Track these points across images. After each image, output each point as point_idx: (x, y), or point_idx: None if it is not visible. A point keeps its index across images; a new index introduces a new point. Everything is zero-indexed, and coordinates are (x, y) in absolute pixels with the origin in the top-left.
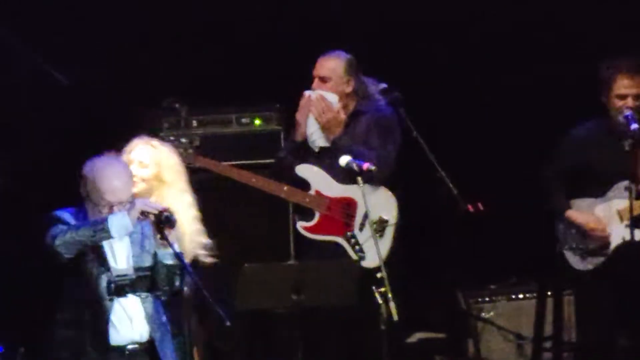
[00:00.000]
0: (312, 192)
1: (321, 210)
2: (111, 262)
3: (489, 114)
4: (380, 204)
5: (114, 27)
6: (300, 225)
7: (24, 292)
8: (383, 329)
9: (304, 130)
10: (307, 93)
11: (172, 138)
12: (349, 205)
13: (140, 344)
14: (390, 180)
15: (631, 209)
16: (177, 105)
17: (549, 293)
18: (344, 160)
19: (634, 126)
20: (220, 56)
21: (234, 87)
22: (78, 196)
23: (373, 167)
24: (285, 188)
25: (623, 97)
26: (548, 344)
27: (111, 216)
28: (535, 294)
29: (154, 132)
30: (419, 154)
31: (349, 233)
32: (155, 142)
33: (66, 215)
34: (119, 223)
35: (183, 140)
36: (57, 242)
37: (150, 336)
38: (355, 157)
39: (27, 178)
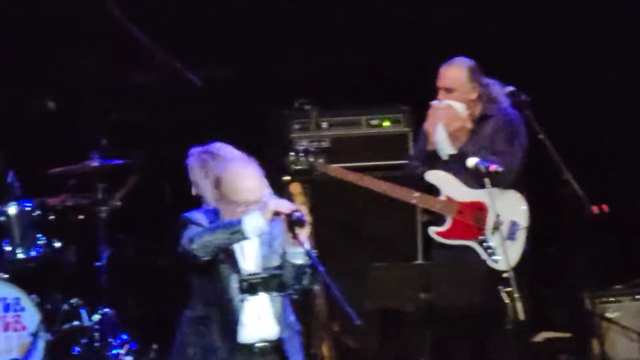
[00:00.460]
0: (442, 197)
1: (452, 216)
2: (241, 262)
3: (614, 116)
4: (510, 206)
5: (246, 29)
6: (433, 230)
7: (156, 290)
8: (509, 328)
9: (433, 139)
10: (434, 103)
11: (302, 146)
12: (479, 210)
13: (268, 342)
14: (517, 183)
15: None
16: (307, 107)
17: None
18: (472, 161)
19: None
20: (351, 58)
21: (364, 89)
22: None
23: (500, 169)
24: (415, 195)
25: None
26: None
27: (246, 217)
28: None
29: (284, 133)
30: (545, 156)
31: (481, 237)
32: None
33: (198, 216)
34: (254, 223)
35: (313, 148)
36: (195, 245)
37: (279, 335)
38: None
39: (161, 176)
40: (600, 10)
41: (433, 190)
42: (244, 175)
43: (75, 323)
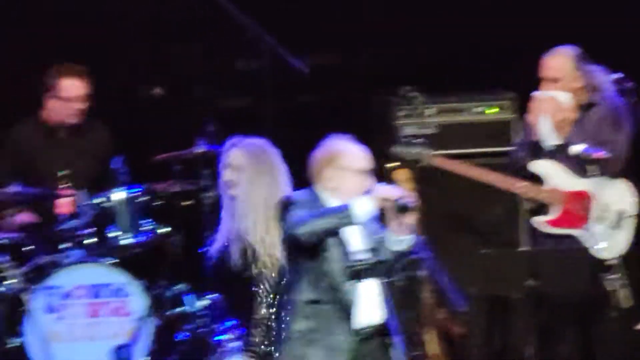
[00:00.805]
0: (547, 187)
1: (558, 205)
2: (347, 247)
3: None
4: (617, 195)
5: (351, 15)
6: (539, 219)
7: None
8: (614, 315)
9: (537, 130)
10: (537, 94)
11: (409, 134)
12: (584, 199)
13: (374, 326)
14: (625, 171)
15: None
16: (413, 94)
17: None
18: (577, 148)
19: None
20: (456, 45)
21: (469, 76)
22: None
23: (605, 155)
24: (520, 184)
25: None
26: None
27: (354, 202)
28: None
29: (389, 120)
30: None
31: (586, 226)
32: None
33: (301, 198)
34: (363, 208)
35: (420, 137)
36: (301, 230)
37: (384, 319)
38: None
39: None
40: None
41: (537, 180)
42: (356, 160)
43: (181, 309)
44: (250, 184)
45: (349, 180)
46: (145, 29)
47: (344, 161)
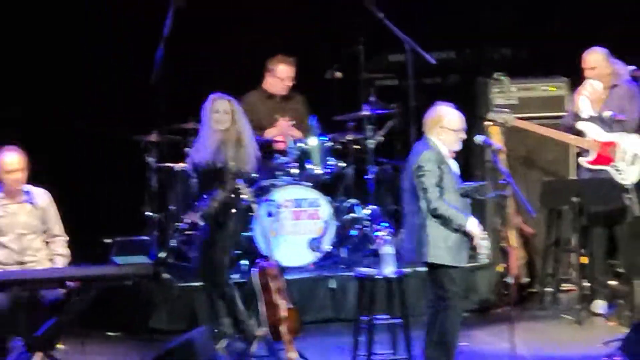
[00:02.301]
0: (588, 139)
1: (596, 150)
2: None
3: None
4: (632, 144)
5: (458, 27)
6: (582, 159)
7: (398, 194)
8: (630, 220)
9: (579, 106)
10: (586, 82)
11: (499, 105)
12: (612, 146)
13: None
14: (638, 130)
15: None
16: (502, 77)
17: None
18: (607, 114)
19: None
20: (531, 43)
21: (539, 64)
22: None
23: (624, 118)
24: (572, 137)
25: None
26: None
27: (470, 220)
28: None
29: (487, 95)
30: None
31: (613, 163)
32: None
33: (431, 156)
34: (472, 226)
35: (506, 107)
36: (437, 213)
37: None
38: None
39: (407, 122)
40: None
41: (581, 134)
42: (455, 113)
43: (353, 215)
44: None
45: (449, 136)
46: (325, 25)
47: (446, 122)
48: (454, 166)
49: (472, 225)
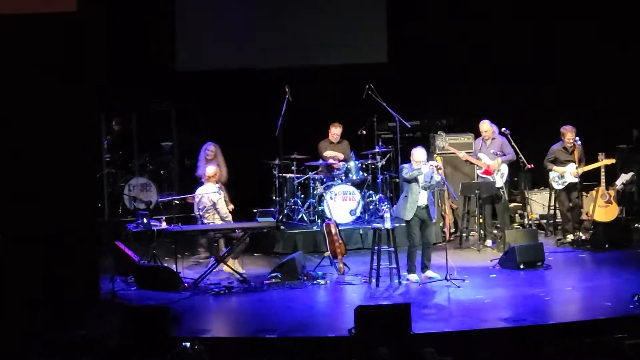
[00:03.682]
0: (483, 162)
1: (485, 168)
2: (420, 182)
3: None
4: (502, 167)
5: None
6: (479, 172)
7: None
8: (501, 201)
9: (478, 146)
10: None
11: (439, 146)
12: (492, 167)
13: (424, 204)
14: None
15: None
16: (442, 133)
17: None
18: (491, 151)
19: None
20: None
21: (460, 126)
22: None
23: (499, 153)
24: (475, 160)
25: None
26: None
27: (423, 168)
28: None
29: (434, 143)
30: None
31: (492, 175)
32: None
33: (407, 165)
34: (425, 170)
35: (442, 148)
36: (406, 176)
37: (426, 203)
38: None
39: None
40: None
41: (479, 160)
42: (419, 151)
43: (371, 199)
44: None
45: (416, 163)
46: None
47: (414, 156)
48: (427, 174)
49: (425, 169)
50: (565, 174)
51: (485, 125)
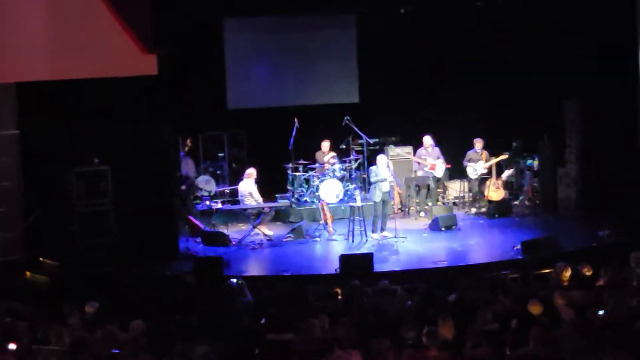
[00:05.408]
0: (428, 162)
1: (430, 165)
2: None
3: None
4: (439, 166)
5: None
6: (423, 168)
7: None
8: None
9: (423, 153)
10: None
11: (391, 154)
12: (434, 166)
13: (386, 191)
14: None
15: None
16: (392, 146)
17: None
18: (435, 155)
19: None
20: None
21: (403, 141)
22: None
23: (439, 157)
24: (421, 160)
25: None
26: None
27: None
28: None
29: (387, 152)
30: None
31: (432, 170)
32: None
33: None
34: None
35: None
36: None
37: (388, 190)
38: None
39: None
40: None
41: (425, 160)
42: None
43: (349, 186)
44: None
45: (381, 164)
46: None
47: (377, 161)
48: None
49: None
50: (477, 168)
51: (428, 139)
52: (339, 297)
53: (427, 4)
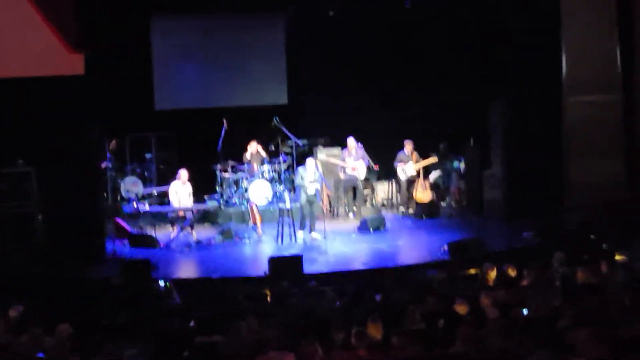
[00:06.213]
0: (350, 164)
1: (351, 167)
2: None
3: None
4: (361, 167)
5: None
6: (347, 169)
7: None
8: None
9: (347, 154)
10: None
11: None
12: (356, 167)
13: (312, 194)
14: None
15: None
16: (321, 146)
17: None
18: (360, 155)
19: None
20: None
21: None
22: None
23: (363, 158)
24: (345, 163)
25: None
26: None
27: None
28: None
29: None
30: None
31: (355, 171)
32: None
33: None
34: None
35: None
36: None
37: (314, 192)
38: None
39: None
40: None
41: (348, 162)
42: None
43: (278, 188)
44: None
45: (309, 166)
46: None
47: (306, 165)
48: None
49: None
50: (407, 169)
51: (351, 141)
52: (269, 298)
53: (355, 6)
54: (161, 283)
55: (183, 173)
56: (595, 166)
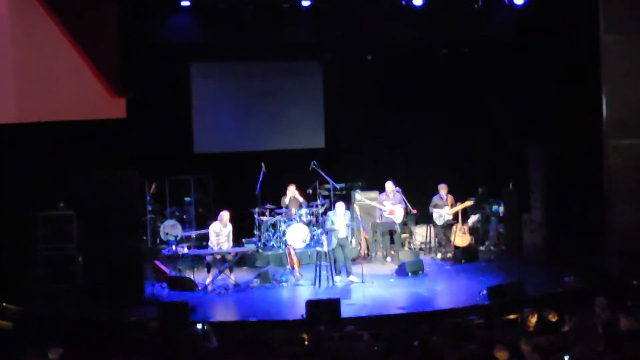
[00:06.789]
0: (387, 207)
1: (389, 210)
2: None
3: None
4: (399, 211)
5: None
6: (384, 214)
7: None
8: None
9: (385, 198)
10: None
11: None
12: (394, 211)
13: (342, 237)
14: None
15: None
16: (359, 190)
17: None
18: (398, 198)
19: None
20: None
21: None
22: None
23: (400, 202)
24: (382, 206)
25: None
26: None
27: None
28: None
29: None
30: None
31: (392, 215)
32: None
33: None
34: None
35: (360, 200)
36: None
37: (345, 235)
38: None
39: None
40: None
41: (386, 206)
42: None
43: (315, 231)
44: None
45: (340, 210)
46: None
47: (336, 207)
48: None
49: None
50: (443, 213)
51: (390, 185)
52: (306, 342)
53: (392, 51)
54: (199, 326)
55: (225, 214)
56: (637, 211)
